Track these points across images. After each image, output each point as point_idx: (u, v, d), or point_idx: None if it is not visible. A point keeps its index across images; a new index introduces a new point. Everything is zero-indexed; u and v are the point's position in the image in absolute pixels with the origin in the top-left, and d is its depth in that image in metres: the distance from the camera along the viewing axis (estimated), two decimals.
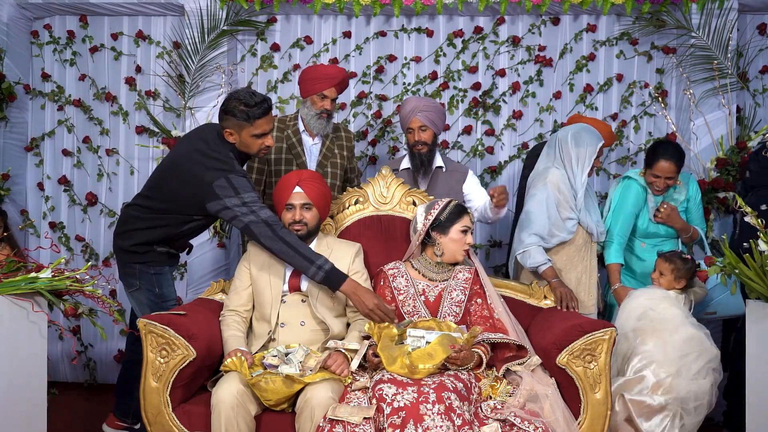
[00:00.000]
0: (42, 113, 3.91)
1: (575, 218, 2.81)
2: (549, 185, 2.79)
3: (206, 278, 3.63)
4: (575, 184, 2.81)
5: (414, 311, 2.47)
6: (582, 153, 2.80)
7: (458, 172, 3.11)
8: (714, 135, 3.54)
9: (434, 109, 3.03)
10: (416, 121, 2.98)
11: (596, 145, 2.81)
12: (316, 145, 3.10)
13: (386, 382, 2.06)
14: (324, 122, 3.02)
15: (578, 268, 2.84)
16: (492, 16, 3.79)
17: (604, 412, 2.19)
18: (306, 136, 3.08)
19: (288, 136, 3.05)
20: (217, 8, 3.65)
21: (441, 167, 3.09)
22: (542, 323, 2.50)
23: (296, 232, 2.46)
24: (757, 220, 2.28)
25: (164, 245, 2.65)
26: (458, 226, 2.53)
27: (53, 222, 3.90)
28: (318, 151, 3.09)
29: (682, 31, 3.60)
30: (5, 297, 2.09)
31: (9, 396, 2.11)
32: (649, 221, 3.01)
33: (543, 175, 2.84)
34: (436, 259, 2.56)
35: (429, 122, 2.98)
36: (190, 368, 2.21)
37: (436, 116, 3.02)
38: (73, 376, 3.86)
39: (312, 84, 2.98)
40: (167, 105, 3.80)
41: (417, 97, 3.04)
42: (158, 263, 2.65)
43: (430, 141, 3.01)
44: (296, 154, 3.04)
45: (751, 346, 2.28)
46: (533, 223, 2.78)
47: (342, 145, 3.16)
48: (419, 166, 3.03)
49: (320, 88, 2.96)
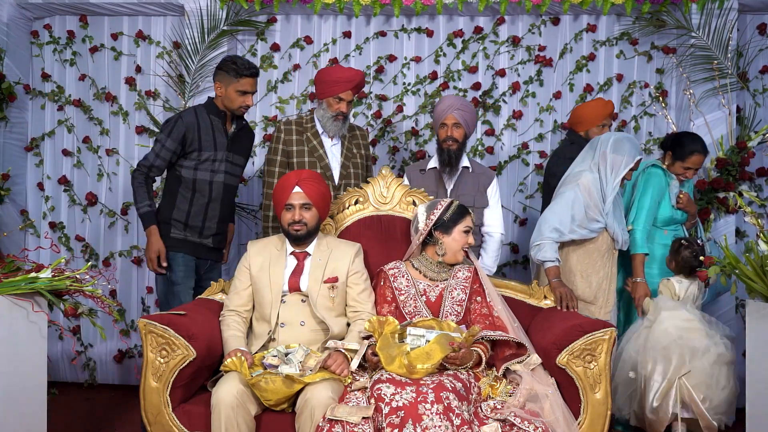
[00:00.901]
0: (42, 113, 3.91)
1: (602, 222, 2.82)
2: (580, 187, 2.81)
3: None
4: (606, 189, 2.83)
5: (415, 311, 2.47)
6: (618, 160, 2.81)
7: (484, 175, 3.10)
8: (714, 135, 3.54)
9: (470, 109, 3.06)
10: (451, 117, 2.99)
11: (634, 157, 2.82)
12: (335, 146, 3.11)
13: (385, 382, 2.06)
14: (340, 124, 3.03)
15: (600, 273, 2.85)
16: (492, 16, 3.79)
17: (604, 412, 2.19)
18: (325, 138, 3.09)
19: (308, 138, 3.06)
20: (217, 8, 3.65)
21: (468, 167, 3.09)
22: (542, 323, 2.50)
23: (296, 232, 2.46)
24: (756, 220, 2.28)
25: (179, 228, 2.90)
26: (461, 227, 2.53)
27: (53, 222, 3.90)
28: (339, 153, 3.10)
29: (682, 31, 3.60)
30: (5, 297, 2.10)
31: (9, 396, 2.11)
32: (671, 208, 3.09)
33: (576, 177, 2.86)
34: (438, 259, 2.56)
35: (463, 121, 2.99)
36: (190, 368, 2.21)
37: (470, 117, 3.04)
38: (73, 376, 3.86)
39: (328, 86, 2.99)
40: (167, 105, 3.80)
41: (454, 95, 3.07)
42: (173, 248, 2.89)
43: (461, 139, 3.01)
44: (319, 157, 3.05)
45: (751, 346, 2.28)
46: (556, 216, 2.79)
47: (359, 144, 3.19)
48: (446, 163, 3.01)
49: (336, 90, 2.97)
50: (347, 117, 3.06)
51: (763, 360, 2.19)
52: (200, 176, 2.90)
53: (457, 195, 2.99)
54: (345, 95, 2.98)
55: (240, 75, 2.84)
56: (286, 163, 3.05)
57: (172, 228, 2.89)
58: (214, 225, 2.96)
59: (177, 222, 2.90)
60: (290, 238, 2.51)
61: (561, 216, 2.78)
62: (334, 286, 2.46)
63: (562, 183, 2.92)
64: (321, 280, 2.46)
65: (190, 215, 2.91)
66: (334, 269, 2.49)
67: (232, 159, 2.97)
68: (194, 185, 2.90)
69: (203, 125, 2.90)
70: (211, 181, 2.92)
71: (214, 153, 2.91)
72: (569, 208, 2.79)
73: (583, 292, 2.81)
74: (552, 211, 2.83)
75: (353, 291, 2.50)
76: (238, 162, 3.03)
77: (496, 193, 3.10)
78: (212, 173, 2.92)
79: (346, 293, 2.51)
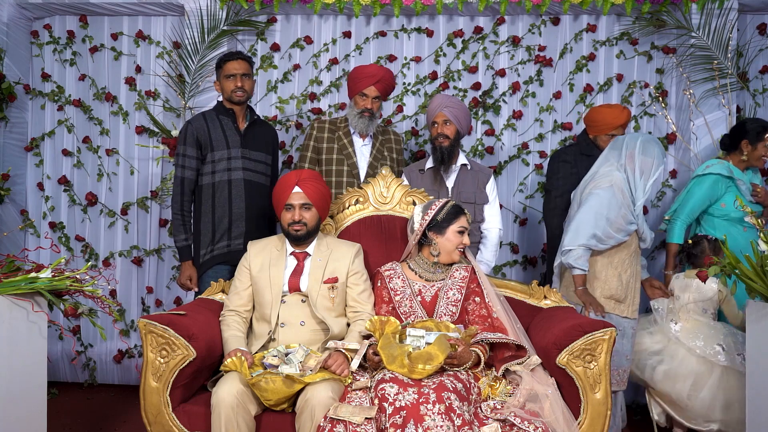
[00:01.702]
0: (42, 113, 3.91)
1: (635, 223, 2.82)
2: (614, 188, 2.79)
3: None
4: (635, 192, 2.82)
5: (410, 312, 2.47)
6: (648, 163, 2.80)
7: (482, 172, 3.13)
8: (714, 135, 3.54)
9: (460, 107, 3.09)
10: (441, 115, 3.03)
11: (662, 160, 2.82)
12: (366, 146, 3.15)
13: (388, 382, 2.06)
14: (366, 121, 3.07)
15: (628, 272, 2.86)
16: (492, 16, 3.79)
17: (604, 412, 2.19)
18: (357, 137, 3.14)
19: (339, 137, 3.12)
20: (217, 8, 3.65)
21: (466, 165, 3.11)
22: (542, 323, 2.50)
23: (296, 232, 2.46)
24: (756, 220, 2.28)
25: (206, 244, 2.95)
26: (455, 227, 2.53)
27: (53, 222, 3.90)
28: (369, 153, 3.14)
29: (682, 31, 3.60)
30: (5, 297, 2.09)
31: (9, 396, 2.11)
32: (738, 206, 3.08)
33: (606, 177, 2.82)
34: (433, 259, 2.56)
35: (453, 117, 3.02)
36: (190, 368, 2.21)
37: (461, 114, 3.06)
38: (73, 376, 3.86)
39: (354, 83, 3.08)
40: (167, 105, 3.80)
41: (443, 94, 3.11)
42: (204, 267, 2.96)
43: (452, 136, 3.03)
44: (347, 155, 3.10)
45: (751, 346, 2.27)
46: (593, 220, 2.75)
47: (392, 147, 3.23)
48: (440, 160, 3.04)
49: (361, 87, 3.04)
50: (374, 114, 3.09)
51: (763, 360, 2.19)
52: (218, 178, 2.93)
53: (458, 192, 3.02)
54: (369, 91, 3.04)
55: (223, 62, 2.97)
56: (316, 159, 3.13)
57: (201, 249, 2.94)
58: (243, 224, 2.94)
59: (204, 239, 2.93)
60: (290, 238, 2.51)
61: (598, 220, 2.74)
62: (334, 286, 2.46)
63: (593, 184, 2.85)
64: (321, 281, 2.46)
65: (215, 220, 2.92)
66: (334, 270, 2.49)
67: (249, 155, 2.98)
68: (213, 188, 2.92)
69: (212, 126, 2.95)
70: (229, 180, 2.93)
71: (228, 151, 2.93)
72: (605, 209, 2.75)
73: (617, 291, 2.82)
74: (588, 214, 2.77)
75: (353, 291, 2.50)
76: (258, 158, 3.02)
77: (494, 189, 3.14)
78: (229, 172, 2.93)
79: (346, 293, 2.51)
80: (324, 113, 3.82)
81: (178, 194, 2.94)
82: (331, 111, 3.83)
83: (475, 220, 3.03)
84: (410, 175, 3.15)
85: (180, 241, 2.97)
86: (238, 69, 2.93)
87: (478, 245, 3.09)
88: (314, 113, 3.81)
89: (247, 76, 2.97)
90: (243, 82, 2.94)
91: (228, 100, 2.98)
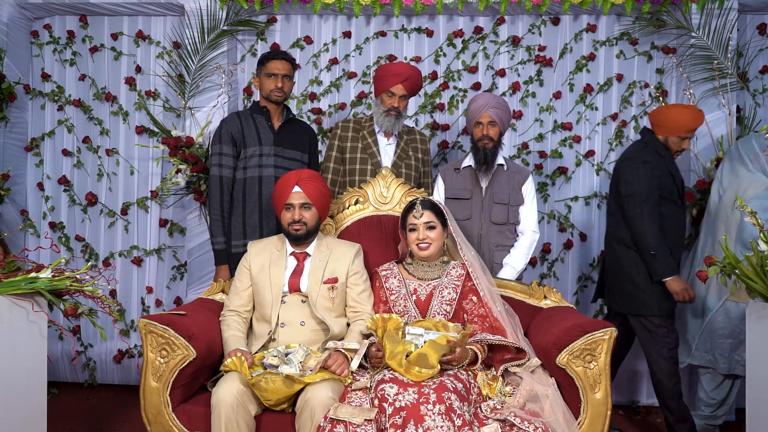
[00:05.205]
0: (42, 113, 3.91)
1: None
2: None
3: (206, 278, 3.63)
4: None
5: (405, 311, 2.47)
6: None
7: (519, 173, 3.05)
8: (714, 135, 3.54)
9: (505, 107, 3.02)
10: (486, 116, 2.96)
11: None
12: (390, 146, 3.13)
13: (388, 382, 2.06)
14: (392, 120, 3.04)
15: None
16: (492, 16, 3.79)
17: (604, 412, 2.19)
18: (381, 137, 3.12)
19: (364, 136, 3.10)
20: (217, 8, 3.65)
21: (502, 165, 3.05)
22: (542, 323, 2.50)
23: (295, 232, 2.46)
24: (756, 220, 2.27)
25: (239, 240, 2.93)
26: (408, 224, 2.55)
27: (53, 222, 3.90)
28: (393, 152, 3.12)
29: (682, 31, 3.60)
30: (5, 297, 2.09)
31: (9, 396, 2.11)
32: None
33: (754, 182, 2.91)
34: (417, 258, 2.56)
35: (498, 119, 2.96)
36: (190, 368, 2.21)
37: (505, 115, 3.01)
38: (73, 376, 3.87)
39: (380, 81, 3.04)
40: (167, 105, 3.80)
41: (489, 93, 3.06)
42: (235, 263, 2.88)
43: (496, 138, 2.97)
44: (371, 154, 3.08)
45: (751, 346, 2.27)
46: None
47: (417, 147, 3.19)
48: (482, 162, 2.96)
49: (387, 85, 3.01)
50: (401, 113, 3.06)
51: (763, 360, 2.19)
52: (249, 174, 2.93)
53: (492, 193, 2.95)
54: (396, 89, 3.00)
55: (267, 59, 2.95)
56: (341, 158, 3.11)
57: (233, 247, 2.91)
58: (274, 221, 2.93)
59: (236, 232, 2.92)
60: (290, 237, 2.51)
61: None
62: (334, 286, 2.46)
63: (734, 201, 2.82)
64: (321, 281, 2.46)
65: (246, 215, 2.92)
66: (334, 270, 2.49)
67: (282, 153, 2.97)
68: (245, 184, 2.92)
69: (246, 124, 2.96)
70: (260, 176, 2.93)
71: (260, 148, 2.93)
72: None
73: None
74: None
75: (353, 291, 2.50)
76: (292, 156, 3.01)
77: (532, 191, 3.05)
78: (260, 168, 2.93)
79: (346, 294, 2.51)
80: (324, 113, 3.82)
81: (217, 194, 2.92)
82: (331, 111, 3.83)
83: (508, 222, 2.95)
84: (445, 174, 3.08)
85: (218, 243, 2.92)
86: (280, 69, 2.93)
87: (509, 249, 2.98)
88: (314, 113, 3.81)
89: (287, 78, 2.97)
90: (283, 83, 2.94)
91: (265, 98, 2.98)
